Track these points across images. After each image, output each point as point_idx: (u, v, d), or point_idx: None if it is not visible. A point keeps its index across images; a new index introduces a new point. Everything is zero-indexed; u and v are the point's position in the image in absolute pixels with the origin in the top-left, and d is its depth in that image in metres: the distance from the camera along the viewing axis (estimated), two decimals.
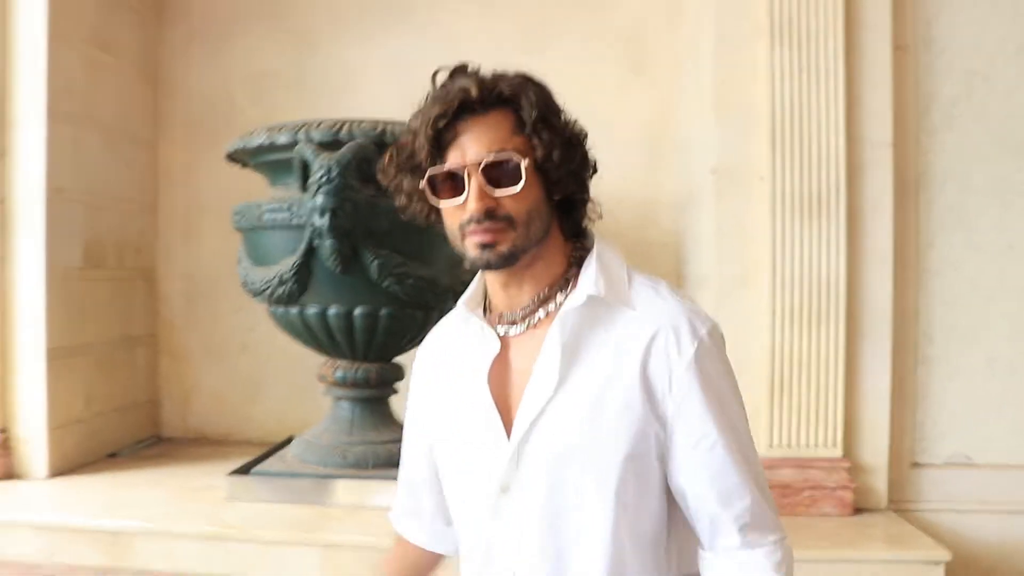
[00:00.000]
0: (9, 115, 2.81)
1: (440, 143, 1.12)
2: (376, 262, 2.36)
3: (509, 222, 1.12)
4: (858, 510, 2.48)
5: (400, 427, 2.64)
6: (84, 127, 3.05)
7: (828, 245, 2.43)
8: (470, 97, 1.11)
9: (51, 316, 2.84)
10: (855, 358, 2.48)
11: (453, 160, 1.11)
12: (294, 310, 2.54)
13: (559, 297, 1.18)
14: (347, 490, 2.53)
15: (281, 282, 2.43)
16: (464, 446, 1.23)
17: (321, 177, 2.27)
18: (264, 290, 2.50)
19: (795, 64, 2.45)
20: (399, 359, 2.76)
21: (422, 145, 1.13)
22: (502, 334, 1.21)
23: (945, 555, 2.19)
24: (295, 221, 2.41)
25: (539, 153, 1.13)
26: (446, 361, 1.31)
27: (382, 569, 1.52)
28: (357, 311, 2.46)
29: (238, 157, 2.64)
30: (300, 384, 3.25)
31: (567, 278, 1.19)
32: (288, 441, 2.99)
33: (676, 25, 3.20)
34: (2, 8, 2.80)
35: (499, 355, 1.20)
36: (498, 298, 1.23)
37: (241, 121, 3.23)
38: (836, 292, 2.44)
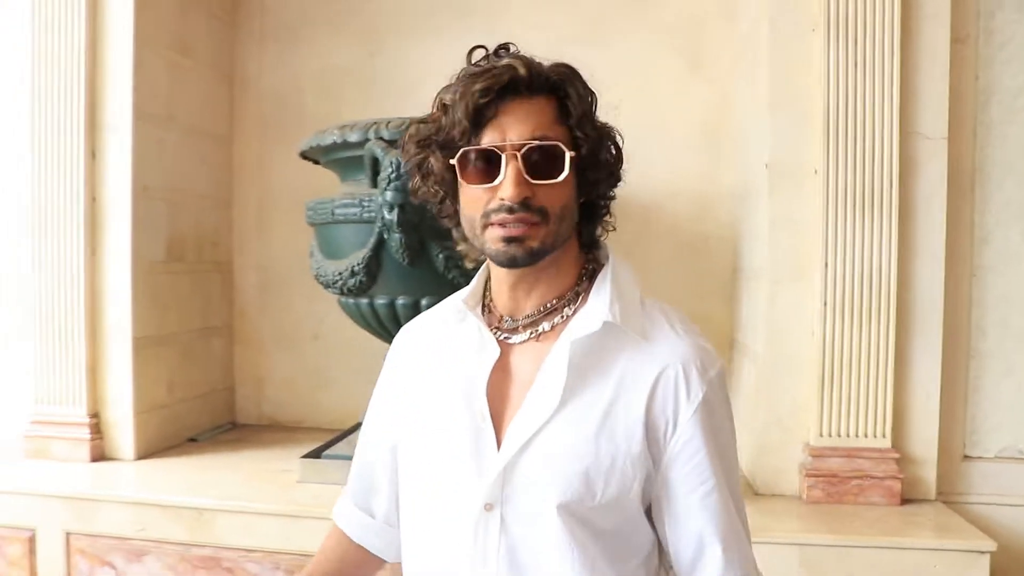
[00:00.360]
0: (100, 119, 2.98)
1: (478, 120, 1.04)
2: (442, 255, 2.46)
3: (543, 216, 1.05)
4: (907, 500, 2.50)
5: None
6: (166, 127, 3.22)
7: (880, 239, 2.46)
8: (518, 76, 1.04)
9: (136, 307, 3.02)
10: (905, 351, 2.50)
11: (491, 139, 1.04)
12: (364, 301, 2.65)
13: (566, 311, 1.12)
14: None
15: (352, 274, 2.55)
16: (440, 455, 1.14)
17: (391, 174, 2.37)
18: (336, 282, 2.63)
19: (850, 58, 2.47)
20: None
21: (459, 119, 1.05)
22: (501, 339, 1.14)
23: (991, 545, 2.21)
24: (365, 216, 2.53)
25: (583, 148, 1.08)
26: (429, 358, 1.23)
27: (310, 569, 1.39)
28: (424, 302, 2.56)
29: (311, 155, 2.77)
30: (367, 372, 3.37)
31: (577, 291, 1.14)
32: (356, 427, 3.11)
33: (733, 20, 3.24)
34: (94, 19, 2.96)
35: (498, 361, 1.13)
36: (502, 300, 1.16)
37: (310, 118, 3.38)
38: (887, 286, 2.46)
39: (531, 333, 1.13)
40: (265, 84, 3.70)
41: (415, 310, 2.58)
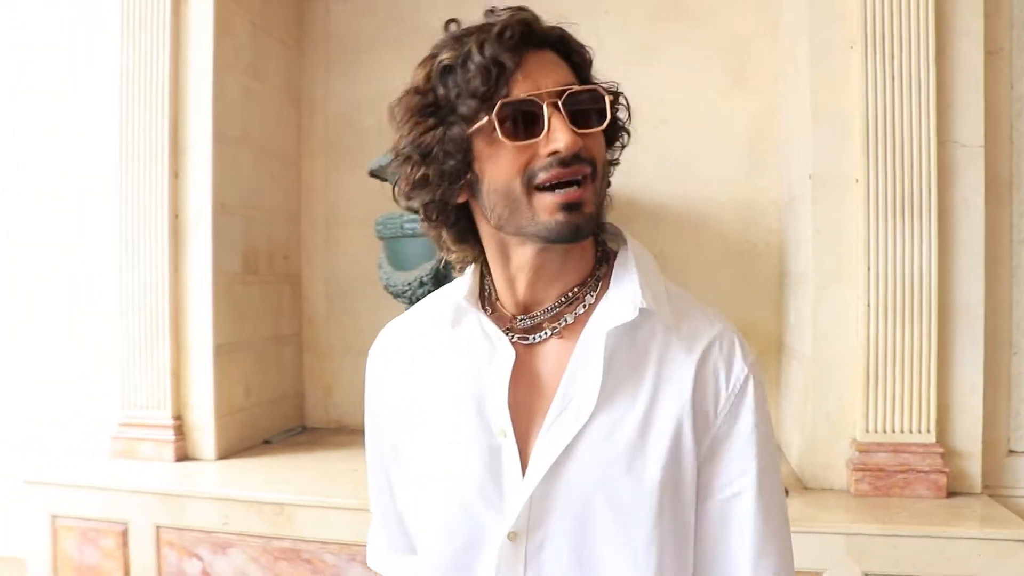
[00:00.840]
0: (182, 140, 3.21)
1: (505, 72, 0.90)
2: None
3: (592, 168, 0.93)
4: (952, 494, 2.58)
5: None
6: (241, 147, 3.44)
7: (921, 242, 2.56)
8: (532, 24, 0.94)
9: (217, 317, 3.23)
10: (947, 350, 2.60)
11: (523, 89, 0.90)
12: None
13: (588, 298, 1.00)
14: None
15: (420, 284, 2.73)
16: (455, 481, 0.99)
17: None
18: (404, 291, 2.81)
19: (887, 72, 2.58)
20: None
21: (479, 71, 0.90)
22: (515, 340, 1.00)
23: None
24: None
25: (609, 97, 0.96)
26: (422, 369, 1.06)
27: None
28: None
29: (378, 173, 2.95)
30: None
31: (597, 276, 1.01)
32: None
33: (775, 36, 3.38)
34: (177, 49, 3.20)
35: (515, 366, 0.98)
36: (516, 294, 1.00)
37: (372, 137, 3.59)
38: (928, 287, 2.56)
39: (553, 328, 0.99)
40: (330, 106, 3.91)
41: None
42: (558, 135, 0.89)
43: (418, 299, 2.79)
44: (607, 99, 0.94)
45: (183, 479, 3.01)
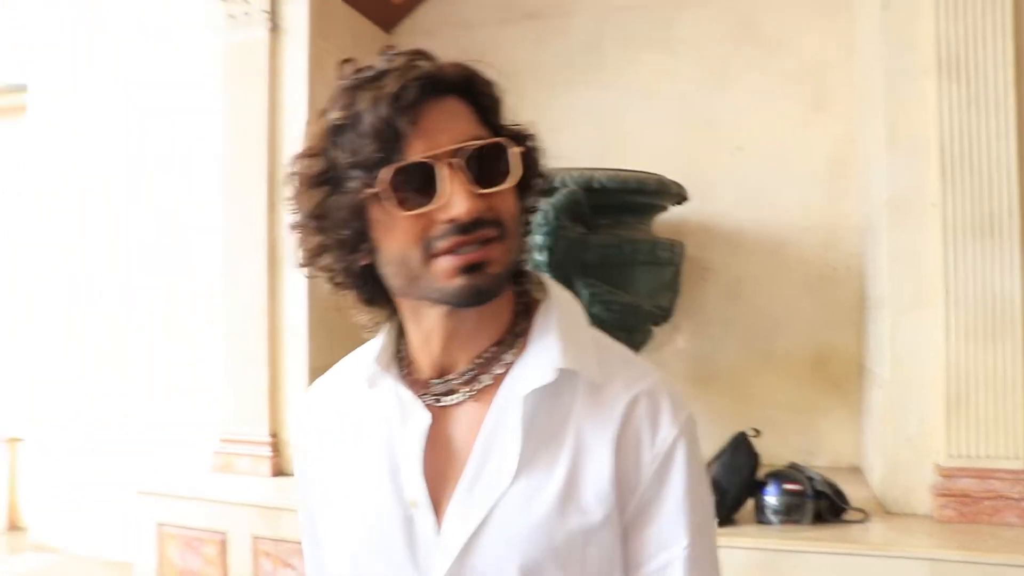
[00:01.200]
0: (279, 175, 3.30)
1: (395, 132, 0.81)
2: (587, 291, 2.70)
3: (500, 230, 0.85)
4: None
5: None
6: None
7: (1002, 264, 2.55)
8: (428, 71, 0.84)
9: (312, 340, 3.39)
10: None
11: (419, 150, 0.82)
12: None
13: (506, 357, 0.91)
14: None
15: None
16: (368, 560, 0.91)
17: (540, 219, 2.61)
18: None
19: (963, 96, 2.59)
20: None
21: (374, 131, 0.82)
22: (429, 403, 0.92)
23: None
24: None
25: (520, 144, 0.88)
26: (337, 435, 0.99)
27: None
28: None
29: None
30: None
31: (516, 332, 0.93)
32: None
33: (852, 62, 3.40)
34: (273, 88, 3.42)
35: (428, 431, 0.91)
36: (430, 355, 0.93)
37: None
38: (1011, 308, 2.54)
39: (469, 391, 0.91)
40: None
41: None
42: (456, 200, 0.81)
43: None
44: (512, 149, 0.85)
45: (279, 493, 3.16)
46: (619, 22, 3.76)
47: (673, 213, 3.17)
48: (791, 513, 2.56)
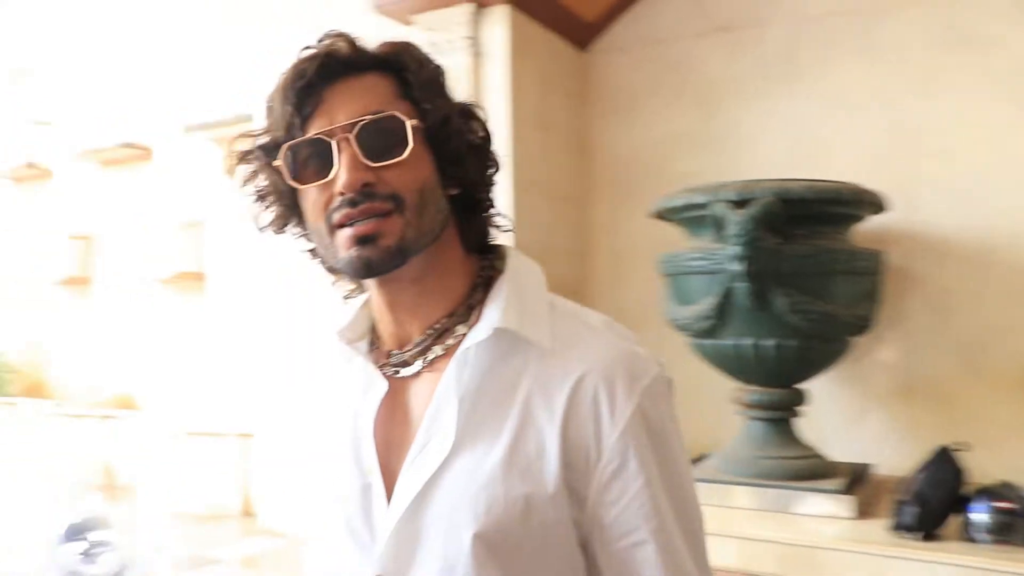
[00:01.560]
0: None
1: (301, 111, 0.87)
2: (784, 300, 2.74)
3: (395, 203, 0.87)
4: None
5: (804, 446, 3.00)
6: (535, 192, 3.83)
7: None
8: (338, 53, 0.88)
9: None
10: None
11: (318, 126, 0.87)
12: (713, 342, 3.01)
13: (459, 329, 0.93)
14: (751, 496, 2.92)
15: (703, 318, 2.92)
16: (337, 529, 0.93)
17: (736, 230, 2.69)
18: (687, 325, 3.02)
19: None
20: (802, 385, 3.08)
21: (280, 116, 0.88)
22: (390, 374, 0.95)
23: None
24: (711, 268, 2.88)
25: (431, 118, 0.90)
26: (317, 411, 1.04)
27: None
28: (767, 343, 2.86)
29: (662, 214, 3.18)
30: (707, 406, 3.54)
31: (470, 304, 0.94)
32: (701, 457, 3.39)
33: None
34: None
35: (388, 401, 0.94)
36: (387, 328, 0.96)
37: (652, 180, 3.85)
38: None
39: (423, 362, 0.93)
40: (611, 151, 4.22)
41: (758, 350, 2.90)
42: (342, 173, 0.85)
43: (698, 332, 3.00)
44: (408, 125, 0.87)
45: None
46: (814, 31, 3.75)
47: (874, 223, 3.14)
48: (1003, 532, 2.50)
